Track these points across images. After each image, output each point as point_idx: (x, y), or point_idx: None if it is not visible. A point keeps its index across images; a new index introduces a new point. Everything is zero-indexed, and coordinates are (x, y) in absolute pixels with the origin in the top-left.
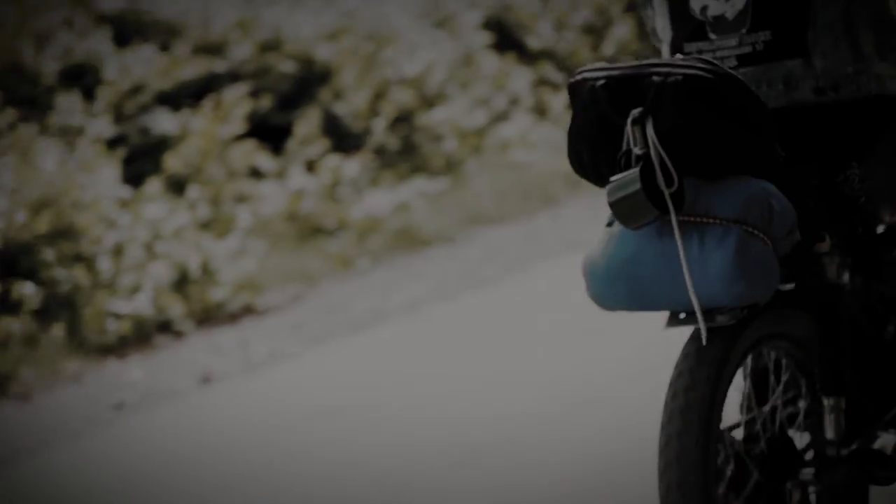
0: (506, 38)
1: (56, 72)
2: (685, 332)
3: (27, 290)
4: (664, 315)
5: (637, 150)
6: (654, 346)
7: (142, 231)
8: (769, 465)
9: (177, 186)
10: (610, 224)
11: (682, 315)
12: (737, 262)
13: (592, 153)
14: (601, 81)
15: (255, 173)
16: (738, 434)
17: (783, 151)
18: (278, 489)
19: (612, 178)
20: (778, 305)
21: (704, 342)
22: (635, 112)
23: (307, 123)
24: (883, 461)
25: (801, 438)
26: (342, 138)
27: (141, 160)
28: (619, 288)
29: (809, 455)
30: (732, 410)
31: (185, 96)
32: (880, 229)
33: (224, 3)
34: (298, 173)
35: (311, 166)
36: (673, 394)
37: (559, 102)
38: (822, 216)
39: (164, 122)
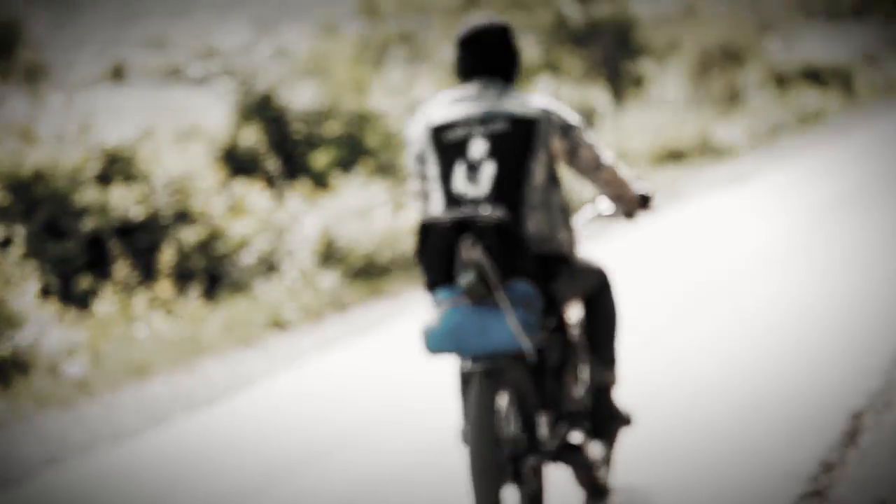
0: None
1: None
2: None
3: None
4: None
5: (472, 258)
6: None
7: None
8: (513, 455)
9: None
10: (439, 303)
11: (477, 358)
12: (521, 325)
13: (441, 262)
14: (447, 223)
15: None
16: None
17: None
18: None
19: (461, 277)
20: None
21: (533, 359)
22: (468, 240)
23: None
24: (575, 449)
25: (528, 436)
26: None
27: None
28: (448, 341)
29: (532, 444)
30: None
31: None
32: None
33: None
34: None
35: None
36: (475, 405)
37: None
38: (545, 306)
39: None
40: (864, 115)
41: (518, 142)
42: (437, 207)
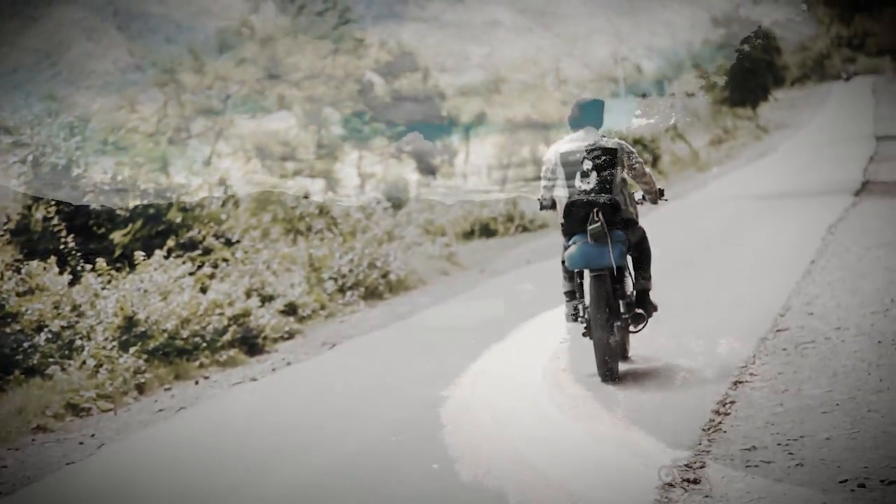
0: None
1: None
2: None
3: None
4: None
5: (597, 219)
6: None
7: None
8: (608, 318)
9: None
10: (574, 242)
11: (598, 269)
12: (619, 252)
13: (579, 224)
14: (585, 200)
15: None
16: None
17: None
18: None
19: (591, 225)
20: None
21: (618, 271)
22: (595, 209)
23: None
24: (639, 315)
25: (615, 310)
26: None
27: None
28: (580, 261)
29: (618, 314)
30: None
31: None
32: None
33: None
34: None
35: None
36: (593, 294)
37: None
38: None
39: None
40: (670, 187)
41: (608, 161)
42: (564, 196)
